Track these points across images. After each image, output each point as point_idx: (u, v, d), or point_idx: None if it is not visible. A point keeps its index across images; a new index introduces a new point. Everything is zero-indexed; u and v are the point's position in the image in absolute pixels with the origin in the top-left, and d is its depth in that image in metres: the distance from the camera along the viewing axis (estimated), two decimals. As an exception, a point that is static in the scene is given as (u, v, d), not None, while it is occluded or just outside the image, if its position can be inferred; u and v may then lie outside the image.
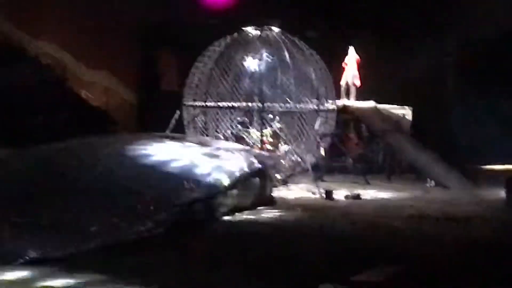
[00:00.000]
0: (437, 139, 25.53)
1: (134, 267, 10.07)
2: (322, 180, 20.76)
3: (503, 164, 24.34)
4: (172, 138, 17.32)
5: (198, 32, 25.61)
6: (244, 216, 14.67)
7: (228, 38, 21.04)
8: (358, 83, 24.47)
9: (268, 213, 15.37)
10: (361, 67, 24.62)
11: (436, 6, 27.75)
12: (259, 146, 19.93)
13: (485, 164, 24.44)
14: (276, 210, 15.80)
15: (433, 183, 21.07)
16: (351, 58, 24.48)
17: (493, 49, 27.34)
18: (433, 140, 25.18)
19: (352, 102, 24.43)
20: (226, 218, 14.30)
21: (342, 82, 24.20)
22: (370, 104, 24.64)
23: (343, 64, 24.40)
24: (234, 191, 14.89)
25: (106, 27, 27.88)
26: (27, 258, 10.23)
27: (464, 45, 28.48)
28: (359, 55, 24.62)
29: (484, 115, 26.92)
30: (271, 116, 20.86)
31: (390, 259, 10.63)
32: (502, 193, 18.10)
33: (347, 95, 24.45)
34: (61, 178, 13.78)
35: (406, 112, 25.24)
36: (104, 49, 28.31)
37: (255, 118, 20.92)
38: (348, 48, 24.47)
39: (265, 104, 20.41)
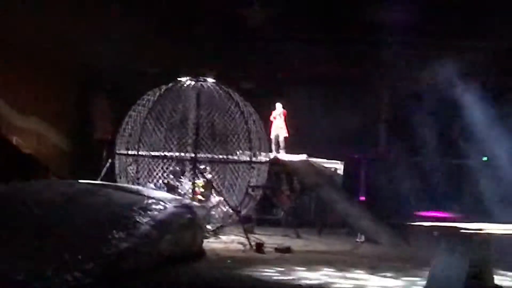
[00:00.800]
0: (368, 194, 25.85)
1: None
2: (253, 232, 20.74)
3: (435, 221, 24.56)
4: (104, 186, 17.16)
5: (133, 80, 25.63)
6: (174, 268, 14.50)
7: (163, 88, 21.04)
8: (286, 134, 24.72)
9: (198, 265, 15.28)
10: (290, 120, 24.87)
11: (369, 62, 28.18)
12: (191, 196, 19.86)
13: (415, 220, 24.65)
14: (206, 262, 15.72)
15: (363, 238, 21.20)
16: (279, 112, 24.76)
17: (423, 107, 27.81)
18: (364, 195, 25.53)
19: (284, 155, 24.60)
20: (156, 269, 14.13)
21: (272, 136, 24.39)
22: (302, 157, 24.85)
23: (271, 118, 24.64)
24: (164, 242, 14.73)
25: (39, 72, 27.64)
26: None
27: (396, 101, 28.96)
28: (291, 109, 24.91)
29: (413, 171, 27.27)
30: (203, 166, 20.83)
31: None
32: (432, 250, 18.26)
33: (277, 149, 24.63)
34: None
35: (338, 166, 25.49)
36: (37, 94, 28.03)
37: (187, 168, 20.86)
38: (276, 103, 24.77)
39: (198, 155, 20.39)
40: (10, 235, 12.99)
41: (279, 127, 24.73)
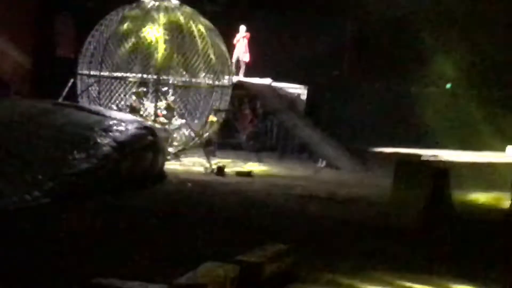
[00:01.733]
0: (330, 120, 26.00)
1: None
2: (215, 156, 20.79)
3: (392, 147, 24.83)
4: (65, 106, 17.04)
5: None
6: (133, 190, 14.53)
7: (127, 8, 20.76)
8: (247, 59, 24.61)
9: (159, 187, 15.36)
10: (255, 44, 24.73)
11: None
12: (153, 118, 19.80)
13: (375, 147, 24.90)
14: (166, 185, 15.80)
15: (324, 163, 21.38)
16: (242, 35, 24.57)
17: (391, 32, 27.86)
18: (326, 121, 25.66)
19: (248, 79, 24.54)
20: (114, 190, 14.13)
21: (233, 59, 24.19)
22: (266, 81, 24.83)
23: (234, 41, 24.42)
24: (125, 163, 14.73)
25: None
26: None
27: (362, 26, 28.93)
28: (257, 33, 24.75)
29: (377, 98, 27.44)
30: (166, 89, 20.71)
31: (275, 237, 10.79)
32: (390, 176, 18.51)
33: (237, 72, 24.49)
34: None
35: (301, 91, 25.51)
36: (-1, 12, 27.60)
37: (150, 91, 20.75)
38: (240, 26, 24.58)
39: (161, 77, 20.28)
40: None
41: (241, 51, 24.56)
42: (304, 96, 25.59)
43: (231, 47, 23.19)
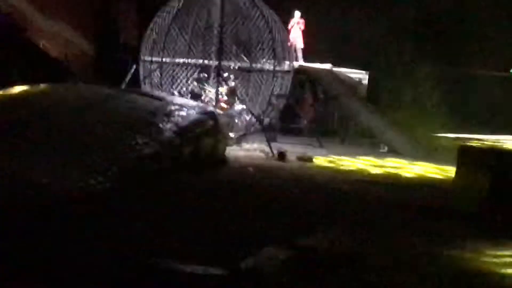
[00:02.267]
0: (392, 105, 25.79)
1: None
2: (276, 141, 20.85)
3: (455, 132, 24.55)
4: (128, 92, 17.24)
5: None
6: (195, 175, 14.61)
7: (189, -7, 20.90)
8: (301, 45, 24.52)
9: (220, 172, 15.44)
10: (315, 29, 24.63)
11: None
12: (214, 103, 19.92)
13: (438, 132, 24.66)
14: (228, 170, 15.88)
15: (386, 148, 21.28)
16: (296, 21, 24.47)
17: (455, 14, 27.48)
18: (388, 106, 25.47)
19: (308, 64, 24.50)
20: (176, 175, 14.26)
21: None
22: (326, 66, 24.76)
23: (289, 27, 24.32)
24: (187, 148, 14.86)
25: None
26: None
27: (425, 8, 28.58)
28: (316, 18, 24.67)
29: (439, 82, 27.13)
30: (227, 74, 20.79)
31: (335, 221, 10.79)
32: (453, 161, 18.32)
33: (295, 57, 24.41)
34: (12, 126, 13.68)
35: (362, 76, 25.40)
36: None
37: (211, 76, 20.87)
38: (294, 11, 24.48)
39: (222, 62, 20.35)
40: (34, 139, 13.14)
41: (295, 36, 24.47)
42: (365, 81, 25.47)
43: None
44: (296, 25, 24.39)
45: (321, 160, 18.55)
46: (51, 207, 10.55)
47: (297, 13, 24.42)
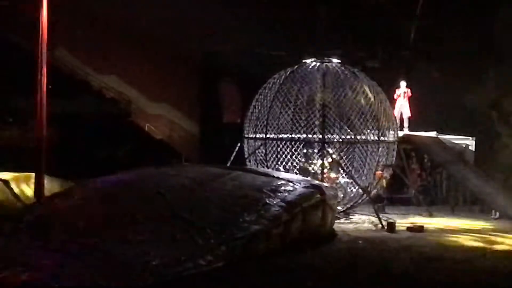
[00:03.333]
0: (500, 170, 25.16)
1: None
2: (384, 212, 20.59)
3: None
4: (233, 170, 17.32)
5: (259, 64, 25.80)
6: (305, 250, 14.43)
7: (289, 70, 21.05)
8: (408, 114, 24.38)
9: (330, 246, 15.25)
10: (416, 99, 24.48)
11: (496, 33, 27.40)
12: (320, 177, 19.82)
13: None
14: (337, 243, 15.68)
15: (497, 214, 20.72)
16: (403, 91, 24.37)
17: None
18: (497, 170, 24.86)
19: (413, 133, 24.26)
20: (286, 251, 14.12)
21: (396, 114, 23.91)
22: (431, 134, 24.46)
23: (395, 97, 24.24)
24: (295, 223, 14.73)
25: (167, 60, 28.28)
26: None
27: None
28: (418, 86, 24.54)
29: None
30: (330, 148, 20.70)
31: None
32: None
33: (401, 127, 24.21)
34: (122, 209, 13.91)
35: (469, 142, 24.95)
36: (166, 82, 28.72)
37: (315, 150, 20.83)
38: (400, 81, 24.40)
39: (326, 136, 20.30)
40: (145, 220, 13.31)
41: (402, 106, 24.37)
42: (472, 147, 25.01)
43: (391, 102, 23.03)
44: (402, 95, 24.31)
45: (431, 230, 18.12)
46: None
47: (403, 83, 24.37)
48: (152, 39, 27.86)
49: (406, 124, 24.45)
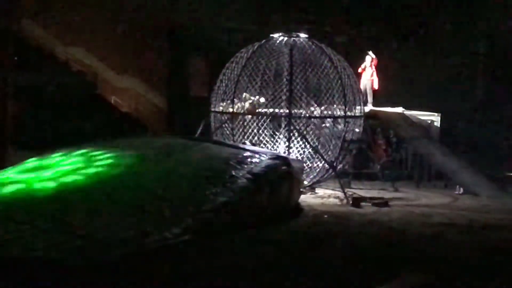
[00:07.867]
0: (466, 145, 25.42)
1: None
2: (350, 187, 20.73)
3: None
4: (199, 141, 17.29)
5: (227, 38, 25.75)
6: (270, 223, 14.47)
7: (256, 45, 21.00)
8: (375, 86, 24.38)
9: (296, 220, 15.31)
10: (384, 73, 24.51)
11: (461, 4, 27.53)
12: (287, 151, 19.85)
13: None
14: (303, 217, 15.75)
15: (461, 190, 20.95)
16: (368, 63, 24.31)
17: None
18: (462, 147, 25.11)
19: (379, 108, 24.35)
20: (251, 224, 14.13)
21: (361, 87, 23.80)
22: (398, 110, 24.59)
23: (359, 70, 24.18)
24: (262, 195, 14.74)
25: (134, 33, 28.11)
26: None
27: (495, 46, 28.20)
28: (384, 61, 24.57)
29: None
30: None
31: (416, 267, 10.59)
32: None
33: (365, 101, 24.21)
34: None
35: (434, 118, 25.12)
36: (134, 55, 28.55)
37: (282, 124, 20.84)
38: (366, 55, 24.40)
39: (293, 111, 20.31)
40: (108, 194, 13.22)
41: (367, 79, 24.34)
42: (437, 123, 25.19)
43: (358, 77, 23.05)
44: (368, 67, 24.25)
45: (396, 205, 18.28)
46: (127, 260, 10.59)
47: (368, 57, 24.26)
48: (121, 12, 27.68)
49: (370, 99, 24.48)
